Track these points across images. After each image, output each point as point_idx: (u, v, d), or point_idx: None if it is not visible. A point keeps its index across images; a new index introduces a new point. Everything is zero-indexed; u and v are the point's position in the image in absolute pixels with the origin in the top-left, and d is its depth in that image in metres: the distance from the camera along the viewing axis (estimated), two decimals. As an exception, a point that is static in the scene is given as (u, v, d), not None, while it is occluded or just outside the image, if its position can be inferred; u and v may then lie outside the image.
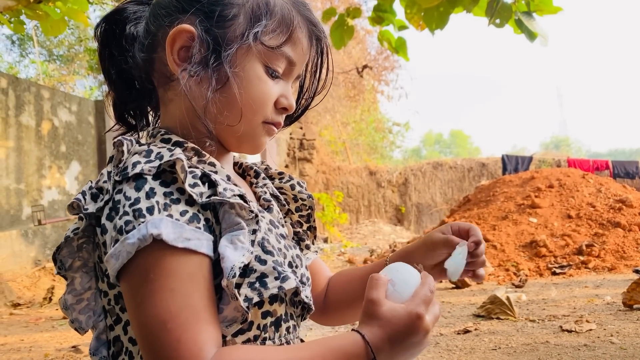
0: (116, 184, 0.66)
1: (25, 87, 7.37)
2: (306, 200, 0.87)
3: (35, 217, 7.07)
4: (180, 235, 0.62)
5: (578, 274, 5.49)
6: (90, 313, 0.72)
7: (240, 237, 0.65)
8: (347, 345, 0.65)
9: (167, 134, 0.73)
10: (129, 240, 0.61)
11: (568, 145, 41.47)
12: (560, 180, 7.64)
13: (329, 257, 9.68)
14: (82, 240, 0.70)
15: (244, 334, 0.68)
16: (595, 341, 2.86)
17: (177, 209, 0.63)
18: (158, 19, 0.75)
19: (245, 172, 0.86)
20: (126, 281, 0.63)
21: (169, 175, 0.66)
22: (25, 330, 4.11)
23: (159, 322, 0.60)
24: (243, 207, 0.67)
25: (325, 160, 15.90)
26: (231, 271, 0.62)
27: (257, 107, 0.74)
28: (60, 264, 0.71)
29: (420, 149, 47.98)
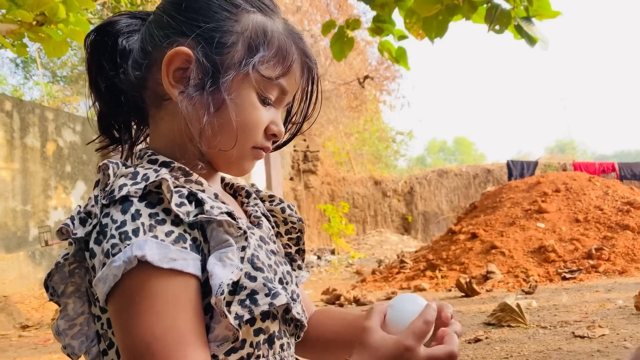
0: (103, 208, 0.66)
1: (29, 109, 7.42)
2: (296, 223, 0.87)
3: (42, 238, 7.08)
4: (165, 255, 0.61)
5: (588, 279, 5.44)
6: (83, 338, 0.72)
7: (228, 254, 0.65)
8: None
9: (154, 155, 0.74)
10: (115, 264, 0.61)
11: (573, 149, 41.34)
12: (567, 184, 7.60)
13: (337, 268, 9.64)
14: (74, 266, 0.70)
15: (236, 353, 0.68)
16: (609, 346, 2.82)
17: (162, 230, 0.63)
18: (155, 39, 0.75)
19: (236, 193, 0.87)
20: (113, 304, 0.63)
21: (155, 196, 0.66)
22: (35, 352, 4.10)
23: (144, 344, 0.60)
24: (231, 224, 0.67)
25: (329, 171, 15.90)
26: (219, 288, 0.62)
27: (249, 133, 0.75)
28: (53, 290, 0.71)
29: (424, 157, 47.97)
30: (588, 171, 11.30)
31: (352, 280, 7.98)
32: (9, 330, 5.28)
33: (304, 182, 14.95)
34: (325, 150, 16.35)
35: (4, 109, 6.95)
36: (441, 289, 5.79)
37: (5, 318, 5.48)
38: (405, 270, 7.08)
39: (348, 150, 17.98)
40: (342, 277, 8.74)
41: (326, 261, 10.71)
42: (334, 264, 10.10)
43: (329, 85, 15.76)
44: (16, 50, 4.26)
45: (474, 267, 6.27)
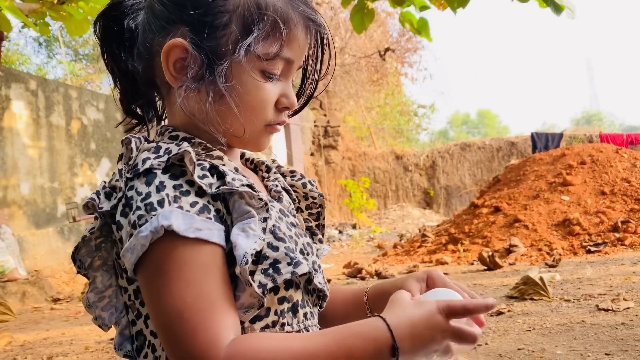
0: (128, 181, 0.67)
1: (53, 87, 7.53)
2: (317, 198, 0.87)
3: (70, 214, 7.26)
4: (191, 225, 0.63)
5: (614, 252, 5.37)
6: (113, 310, 0.74)
7: (251, 225, 0.66)
8: (366, 330, 0.65)
9: (174, 131, 0.75)
10: (142, 234, 0.62)
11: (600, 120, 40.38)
12: (593, 156, 7.45)
13: (358, 243, 9.69)
14: (100, 240, 0.72)
15: (261, 320, 0.69)
16: (634, 319, 2.79)
17: (187, 201, 0.64)
18: (153, 30, 0.74)
19: (257, 167, 0.87)
20: (142, 274, 0.65)
21: (178, 168, 0.67)
22: (66, 324, 4.24)
23: (175, 312, 0.61)
24: (252, 196, 0.68)
25: (350, 146, 15.86)
26: (243, 258, 0.63)
27: (258, 114, 0.74)
28: (80, 264, 0.73)
29: (447, 131, 47.39)
30: (615, 143, 11.04)
31: (374, 254, 8.02)
32: (42, 303, 5.46)
33: (325, 157, 14.95)
34: (345, 125, 16.27)
35: (29, 88, 7.07)
36: (463, 262, 5.78)
37: (37, 291, 5.67)
38: (427, 244, 7.08)
39: (369, 124, 17.87)
40: (364, 251, 8.78)
41: (347, 235, 10.76)
42: (355, 238, 10.15)
43: (349, 58, 15.59)
44: (39, 30, 4.31)
45: (496, 240, 6.24)
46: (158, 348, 0.69)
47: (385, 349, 0.64)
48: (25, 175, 6.85)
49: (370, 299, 0.87)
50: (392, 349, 0.63)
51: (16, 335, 3.88)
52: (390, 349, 0.63)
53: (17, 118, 6.82)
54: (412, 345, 0.64)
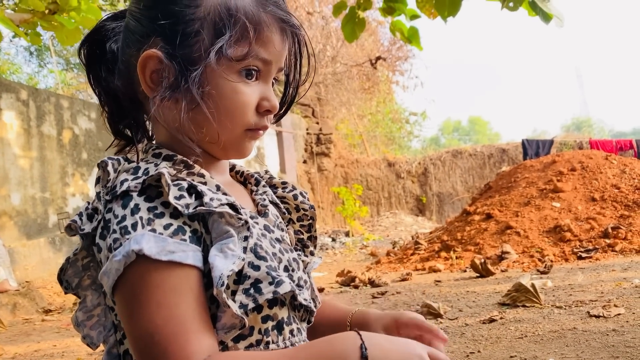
0: (107, 203, 0.68)
1: (44, 97, 7.50)
2: (308, 210, 0.87)
3: (62, 224, 7.21)
4: (163, 248, 0.63)
5: (605, 258, 5.41)
6: (101, 328, 0.75)
7: (229, 245, 0.66)
8: (337, 339, 0.66)
9: (158, 149, 0.75)
10: (115, 258, 0.63)
11: (590, 126, 40.72)
12: (583, 162, 7.51)
13: (351, 250, 9.69)
14: (88, 260, 0.73)
15: (245, 340, 0.69)
16: (625, 325, 2.82)
17: (160, 223, 0.64)
18: (130, 45, 0.75)
19: (246, 180, 0.87)
20: (117, 297, 0.65)
21: (154, 189, 0.67)
22: (57, 336, 4.20)
23: (146, 335, 0.62)
24: (232, 216, 0.68)
25: (343, 153, 15.89)
26: (219, 280, 0.63)
27: (237, 119, 0.74)
28: (67, 284, 0.74)
29: (438, 138, 47.58)
30: (605, 149, 11.15)
31: (367, 262, 8.02)
32: (32, 314, 5.42)
33: (318, 164, 14.97)
34: (338, 133, 16.31)
35: (20, 98, 7.04)
36: (456, 269, 5.80)
37: (28, 303, 5.62)
38: (419, 251, 7.09)
39: (361, 132, 17.92)
40: (357, 258, 8.78)
41: (341, 243, 10.76)
42: (348, 246, 10.15)
43: (340, 67, 15.66)
44: (30, 39, 4.30)
45: (488, 247, 6.26)
46: None
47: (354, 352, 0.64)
48: (16, 186, 6.81)
49: (353, 322, 0.88)
50: (360, 349, 0.64)
51: (7, 347, 3.84)
52: (359, 349, 0.64)
53: (7, 128, 6.79)
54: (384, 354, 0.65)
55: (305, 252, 0.87)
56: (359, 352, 0.64)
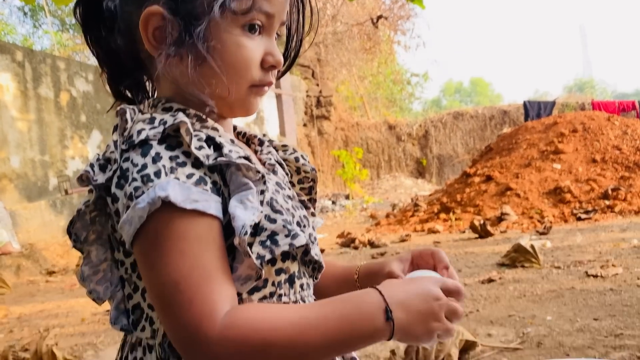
0: (123, 153, 0.66)
1: (40, 59, 7.40)
2: (309, 172, 0.87)
3: (62, 187, 7.23)
4: (187, 197, 0.62)
5: (604, 219, 5.43)
6: (108, 284, 0.74)
7: (249, 197, 0.65)
8: (359, 295, 0.67)
9: (167, 103, 0.73)
10: (139, 205, 0.62)
11: (592, 87, 40.33)
12: (585, 124, 7.46)
13: (351, 213, 9.74)
14: (95, 213, 0.71)
15: (259, 291, 0.70)
16: (622, 285, 2.85)
17: (183, 172, 0.64)
18: (127, 3, 0.73)
19: (249, 141, 0.86)
20: (138, 246, 0.65)
21: (174, 139, 0.66)
22: (62, 297, 4.27)
23: (171, 283, 0.61)
24: (250, 168, 0.67)
25: (343, 116, 15.79)
26: (242, 229, 0.63)
27: (242, 74, 0.73)
28: (75, 237, 0.73)
29: (440, 99, 47.22)
30: (607, 110, 11.06)
31: (367, 224, 8.08)
32: (36, 276, 5.49)
33: (318, 128, 14.89)
34: (338, 95, 16.17)
35: (15, 60, 6.94)
36: (455, 230, 5.84)
37: (32, 265, 5.68)
38: (419, 213, 7.13)
39: (362, 94, 17.76)
40: (357, 221, 8.84)
41: (341, 206, 10.81)
42: (348, 209, 10.20)
43: (341, 26, 15.38)
44: (23, -1, 4.20)
45: (488, 209, 6.29)
46: (156, 321, 0.69)
47: (379, 314, 0.65)
48: (15, 149, 6.79)
49: (360, 277, 0.88)
50: (385, 312, 0.65)
51: (12, 308, 3.90)
52: (384, 312, 0.65)
53: (3, 90, 6.72)
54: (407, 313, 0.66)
55: (307, 213, 0.87)
56: (384, 315, 0.65)
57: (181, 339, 0.62)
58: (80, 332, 3.07)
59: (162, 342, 0.69)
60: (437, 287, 0.68)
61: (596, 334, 2.14)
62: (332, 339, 0.64)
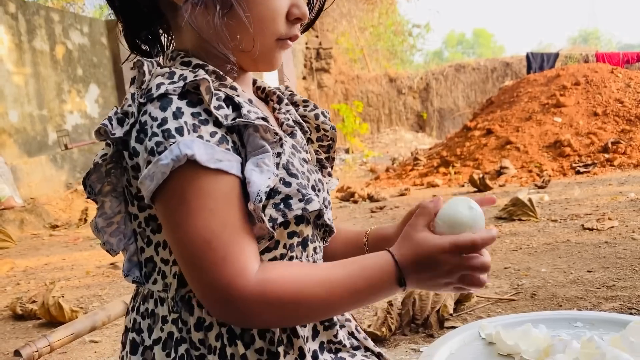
0: (141, 106, 0.66)
1: (34, 10, 7.24)
2: (329, 131, 0.86)
3: (62, 142, 7.21)
4: (212, 156, 0.62)
5: (603, 172, 5.45)
6: (121, 236, 0.75)
7: (265, 160, 0.66)
8: (378, 264, 0.68)
9: (186, 57, 0.72)
10: (162, 162, 0.61)
11: (597, 39, 39.59)
12: (587, 76, 7.37)
13: (351, 167, 9.76)
14: (110, 166, 0.72)
15: (270, 252, 0.71)
16: (617, 238, 2.89)
17: (206, 130, 0.64)
18: None
19: (268, 97, 0.84)
20: (162, 203, 0.65)
21: (195, 96, 0.66)
22: (66, 250, 4.34)
23: (203, 241, 0.62)
24: (267, 130, 0.67)
25: (343, 69, 15.57)
26: (257, 196, 0.63)
27: (268, 26, 0.71)
28: (90, 189, 0.73)
29: (442, 51, 46.47)
30: (611, 62, 10.90)
31: (366, 178, 8.11)
32: (40, 230, 5.56)
33: (317, 81, 14.72)
34: (338, 47, 15.88)
35: (8, 11, 6.79)
36: (454, 184, 5.87)
37: (35, 219, 5.75)
38: (418, 167, 7.15)
39: (362, 46, 17.44)
40: (357, 175, 8.88)
41: (341, 160, 10.83)
42: (348, 163, 10.22)
43: (341, -24, 14.95)
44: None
45: (487, 162, 6.30)
46: (169, 275, 0.71)
47: (394, 280, 0.68)
48: (13, 103, 6.74)
49: (370, 241, 0.89)
50: (399, 281, 0.68)
51: (17, 261, 3.97)
52: (398, 281, 0.68)
53: (-2, 43, 6.61)
54: (418, 280, 0.69)
55: (323, 173, 0.87)
56: (397, 282, 0.68)
57: (214, 295, 0.63)
58: (86, 284, 3.14)
59: (175, 295, 0.71)
60: (450, 255, 0.68)
61: (589, 286, 2.20)
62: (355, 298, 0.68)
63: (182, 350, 0.69)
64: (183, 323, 0.70)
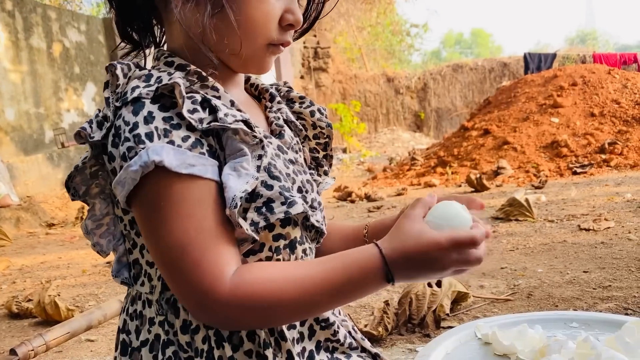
0: (116, 110, 0.65)
1: (30, 8, 7.21)
2: (325, 129, 0.85)
3: (58, 140, 7.19)
4: (183, 161, 0.61)
5: (599, 173, 5.47)
6: (110, 237, 0.75)
7: (243, 164, 0.64)
8: (363, 258, 0.66)
9: (170, 57, 0.71)
10: (131, 168, 0.61)
11: (595, 39, 39.66)
12: (585, 77, 7.39)
13: (349, 167, 9.76)
14: (96, 168, 0.71)
15: (255, 255, 0.70)
16: (613, 238, 2.90)
17: (178, 135, 0.62)
18: None
19: (260, 95, 0.83)
20: (137, 208, 0.65)
21: (169, 99, 0.65)
22: (62, 249, 4.33)
23: (177, 246, 0.61)
24: (246, 133, 0.66)
25: (341, 68, 15.56)
26: (232, 201, 0.62)
27: (259, 30, 0.70)
28: (74, 191, 0.73)
29: (440, 51, 46.48)
30: (608, 63, 10.92)
31: (364, 177, 8.11)
32: (36, 228, 5.54)
33: (315, 80, 14.71)
34: (336, 47, 15.87)
35: (5, 9, 6.77)
36: (451, 184, 5.88)
37: (31, 217, 5.73)
38: (415, 167, 7.15)
39: (360, 45, 17.44)
40: (354, 174, 8.88)
41: (338, 160, 10.82)
42: (345, 163, 10.22)
43: (339, -25, 14.92)
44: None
45: (485, 163, 6.31)
46: (154, 277, 0.70)
47: (380, 276, 0.65)
48: (9, 101, 6.72)
49: (370, 233, 0.87)
50: (386, 277, 0.65)
51: (14, 259, 3.96)
52: (385, 276, 0.65)
53: (-5, 41, 6.59)
54: (407, 275, 0.66)
55: (319, 171, 0.86)
56: (384, 277, 0.65)
57: (192, 300, 0.63)
58: (82, 283, 3.13)
59: (160, 298, 0.70)
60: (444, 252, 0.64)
61: (585, 286, 2.20)
62: (335, 296, 0.66)
63: (170, 353, 0.69)
64: (169, 325, 0.69)
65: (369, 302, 2.26)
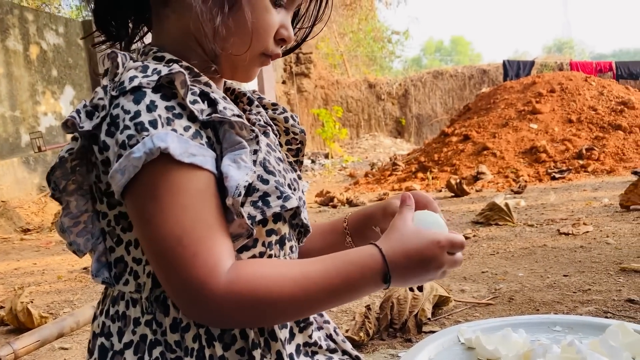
0: (113, 99, 0.63)
1: (7, 9, 7.08)
2: (298, 134, 0.85)
3: (35, 144, 7.04)
4: (186, 150, 0.61)
5: (577, 178, 5.54)
6: (89, 236, 0.72)
7: (242, 156, 0.64)
8: (362, 258, 0.67)
9: (160, 52, 0.71)
10: (134, 155, 0.59)
11: (571, 48, 40.44)
12: (562, 84, 7.51)
13: (331, 172, 9.76)
14: (76, 162, 0.69)
15: (249, 251, 0.69)
16: (592, 242, 2.93)
17: (180, 124, 0.62)
18: None
19: (238, 99, 0.83)
20: (132, 197, 0.62)
21: (168, 90, 0.64)
22: (37, 255, 4.23)
23: (173, 238, 0.60)
24: (243, 127, 0.66)
25: (323, 74, 15.60)
26: (236, 190, 0.62)
27: (261, 37, 0.72)
28: (55, 186, 0.70)
29: (420, 58, 46.95)
30: (585, 70, 11.14)
31: (346, 182, 8.12)
32: (11, 234, 5.41)
33: (297, 85, 14.71)
34: (318, 52, 15.91)
35: (-20, 10, 6.63)
36: (432, 189, 5.90)
37: (5, 222, 5.60)
38: (397, 172, 7.18)
39: (342, 51, 17.50)
40: (336, 180, 8.88)
41: (320, 165, 10.82)
42: (327, 168, 10.22)
43: (321, -19, 14.99)
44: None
45: (464, 168, 6.36)
46: (142, 274, 0.68)
47: (378, 276, 0.66)
48: (-16, 104, 6.57)
49: (350, 223, 0.88)
50: (384, 277, 0.66)
51: (-14, 266, 3.86)
52: (383, 277, 0.66)
53: (-31, 42, 6.45)
54: (403, 275, 0.68)
55: None
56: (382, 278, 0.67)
57: (184, 294, 0.61)
58: (57, 289, 3.06)
59: (149, 296, 0.68)
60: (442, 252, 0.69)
61: (565, 290, 2.21)
62: (332, 296, 0.66)
63: (157, 354, 0.66)
64: (158, 325, 0.67)
65: (350, 306, 2.24)
